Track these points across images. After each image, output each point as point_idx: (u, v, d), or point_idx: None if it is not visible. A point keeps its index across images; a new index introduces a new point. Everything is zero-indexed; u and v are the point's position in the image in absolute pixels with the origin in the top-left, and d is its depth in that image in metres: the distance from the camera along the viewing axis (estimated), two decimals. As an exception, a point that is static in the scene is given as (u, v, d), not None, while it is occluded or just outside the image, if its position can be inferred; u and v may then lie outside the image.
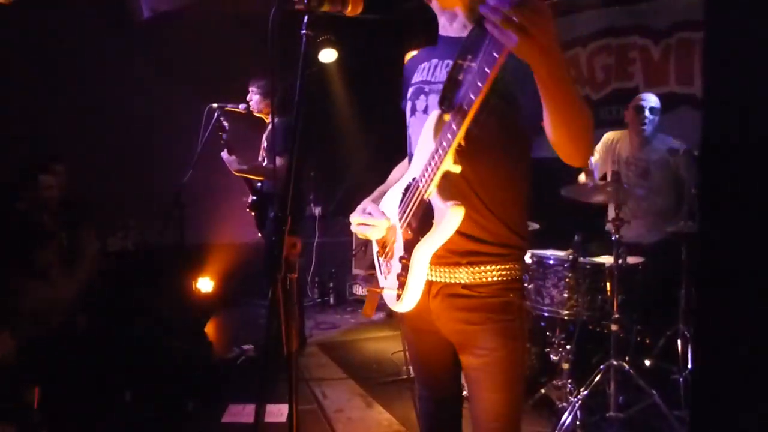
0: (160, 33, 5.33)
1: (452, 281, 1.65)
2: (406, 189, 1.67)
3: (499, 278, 1.64)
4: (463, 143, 1.46)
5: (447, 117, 1.48)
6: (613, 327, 3.28)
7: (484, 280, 1.63)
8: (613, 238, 3.30)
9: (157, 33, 5.30)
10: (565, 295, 3.40)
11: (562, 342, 3.46)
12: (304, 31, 1.51)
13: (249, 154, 4.59)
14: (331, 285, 6.50)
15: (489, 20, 1.19)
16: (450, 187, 1.54)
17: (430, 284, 1.67)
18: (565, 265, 3.41)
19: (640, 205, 3.98)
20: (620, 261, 3.30)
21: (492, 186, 1.63)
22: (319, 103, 6.48)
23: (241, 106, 4.39)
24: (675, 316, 3.69)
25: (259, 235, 4.68)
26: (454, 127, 1.43)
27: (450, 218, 1.48)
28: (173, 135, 5.39)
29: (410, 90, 1.78)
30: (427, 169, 1.55)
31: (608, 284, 3.40)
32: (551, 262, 3.48)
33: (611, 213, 3.56)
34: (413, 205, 1.61)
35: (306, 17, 1.52)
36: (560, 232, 3.73)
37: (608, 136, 4.20)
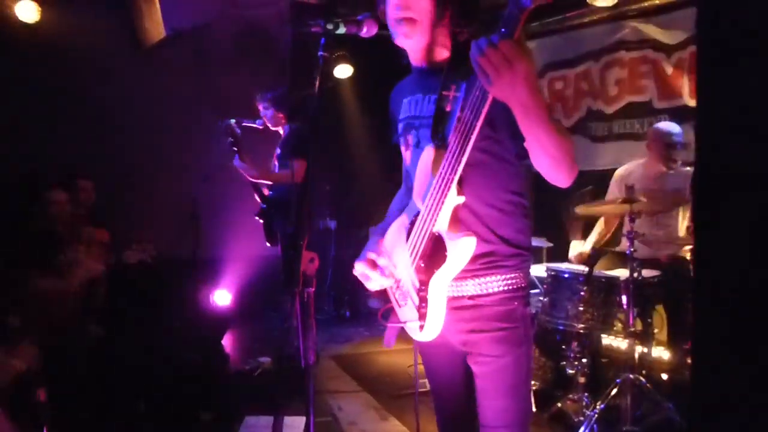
0: (176, 50, 5.43)
1: (459, 294, 1.69)
2: (412, 224, 1.72)
3: (504, 287, 1.67)
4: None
5: (441, 151, 1.56)
6: (629, 341, 3.28)
7: (489, 290, 1.67)
8: (627, 252, 3.31)
9: (172, 50, 5.40)
10: (580, 308, 3.39)
11: (577, 355, 3.45)
12: (321, 53, 1.56)
13: (263, 165, 4.64)
14: (346, 298, 6.53)
15: (474, 60, 1.32)
16: (456, 217, 1.59)
17: None
18: (580, 279, 3.41)
19: (655, 233, 3.94)
20: (635, 275, 3.30)
21: (491, 207, 1.66)
22: (332, 117, 6.54)
23: (258, 122, 4.44)
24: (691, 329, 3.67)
25: (268, 244, 4.69)
26: (453, 161, 1.50)
27: (463, 249, 1.54)
28: (189, 149, 5.48)
29: (400, 126, 1.84)
30: (431, 203, 1.60)
31: (623, 297, 3.40)
32: (566, 275, 3.48)
33: (626, 227, 3.56)
34: (422, 240, 1.65)
35: (323, 39, 1.56)
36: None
37: (619, 172, 4.12)
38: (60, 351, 3.47)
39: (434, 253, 1.61)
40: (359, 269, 1.83)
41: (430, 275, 1.61)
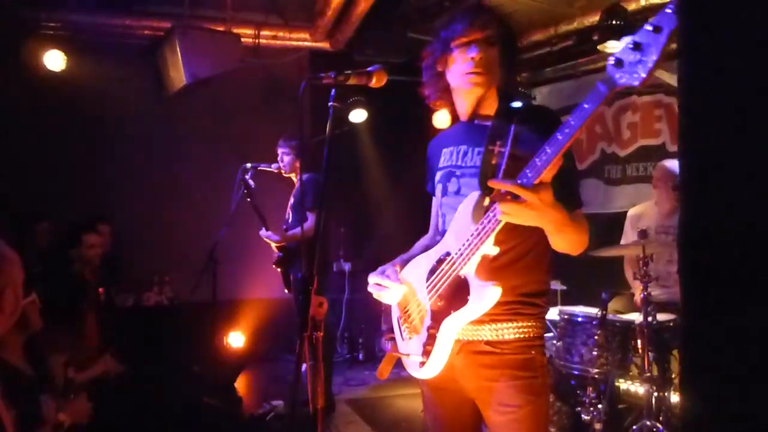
0: (197, 98, 5.59)
1: (475, 338, 1.70)
2: (439, 261, 1.74)
3: (521, 335, 1.70)
4: None
5: (487, 200, 1.64)
6: (646, 386, 3.22)
7: (506, 336, 1.69)
8: (642, 295, 3.28)
9: (193, 98, 5.56)
10: (595, 353, 3.36)
11: (593, 401, 3.40)
12: (331, 104, 1.62)
13: (280, 213, 4.71)
14: (360, 341, 6.50)
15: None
16: (484, 265, 1.61)
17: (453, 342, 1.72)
18: (594, 323, 3.38)
19: (669, 272, 3.90)
20: (650, 318, 3.27)
21: (522, 259, 1.71)
22: (349, 161, 6.63)
23: (273, 166, 4.52)
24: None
25: (286, 291, 4.72)
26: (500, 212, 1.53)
27: (488, 297, 1.57)
28: (208, 194, 5.58)
29: (440, 173, 1.90)
30: (465, 247, 1.63)
31: (639, 342, 3.35)
32: (580, 319, 3.46)
33: (639, 270, 3.52)
34: (446, 279, 1.68)
35: (333, 90, 1.63)
36: (588, 290, 3.73)
37: (631, 212, 4.12)
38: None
39: (455, 295, 1.63)
40: (373, 279, 1.85)
41: (444, 315, 1.63)
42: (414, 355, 1.70)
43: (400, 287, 1.81)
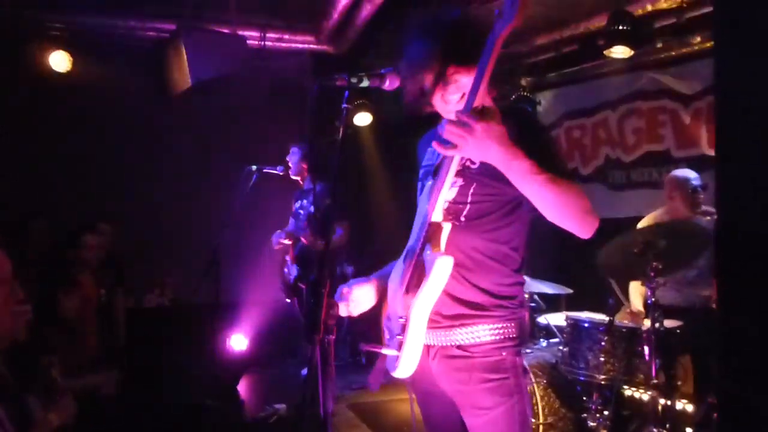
0: (201, 100, 5.58)
1: (448, 344, 1.72)
2: (404, 258, 1.79)
3: (492, 337, 1.70)
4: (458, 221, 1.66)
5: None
6: (652, 393, 3.20)
7: (477, 340, 1.70)
8: (649, 302, 3.26)
9: (197, 100, 5.55)
10: (601, 359, 3.34)
11: (599, 407, 3.38)
12: (344, 105, 1.61)
13: (282, 215, 4.70)
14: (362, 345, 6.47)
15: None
16: (439, 243, 1.64)
17: (428, 348, 1.74)
18: (601, 329, 3.36)
19: (679, 279, 3.87)
20: (657, 324, 3.25)
21: (481, 255, 1.70)
22: (352, 163, 6.61)
23: (279, 169, 4.52)
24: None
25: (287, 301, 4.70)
26: (439, 185, 1.62)
27: (439, 267, 1.58)
28: (211, 195, 5.57)
29: (421, 172, 1.92)
30: (420, 231, 1.68)
31: (646, 348, 3.33)
32: (586, 325, 3.44)
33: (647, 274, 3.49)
34: (410, 268, 1.71)
35: (346, 93, 1.62)
36: (594, 295, 3.71)
37: (641, 226, 3.89)
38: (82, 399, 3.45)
39: (418, 278, 1.66)
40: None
41: (412, 300, 1.65)
42: (390, 352, 1.74)
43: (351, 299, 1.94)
